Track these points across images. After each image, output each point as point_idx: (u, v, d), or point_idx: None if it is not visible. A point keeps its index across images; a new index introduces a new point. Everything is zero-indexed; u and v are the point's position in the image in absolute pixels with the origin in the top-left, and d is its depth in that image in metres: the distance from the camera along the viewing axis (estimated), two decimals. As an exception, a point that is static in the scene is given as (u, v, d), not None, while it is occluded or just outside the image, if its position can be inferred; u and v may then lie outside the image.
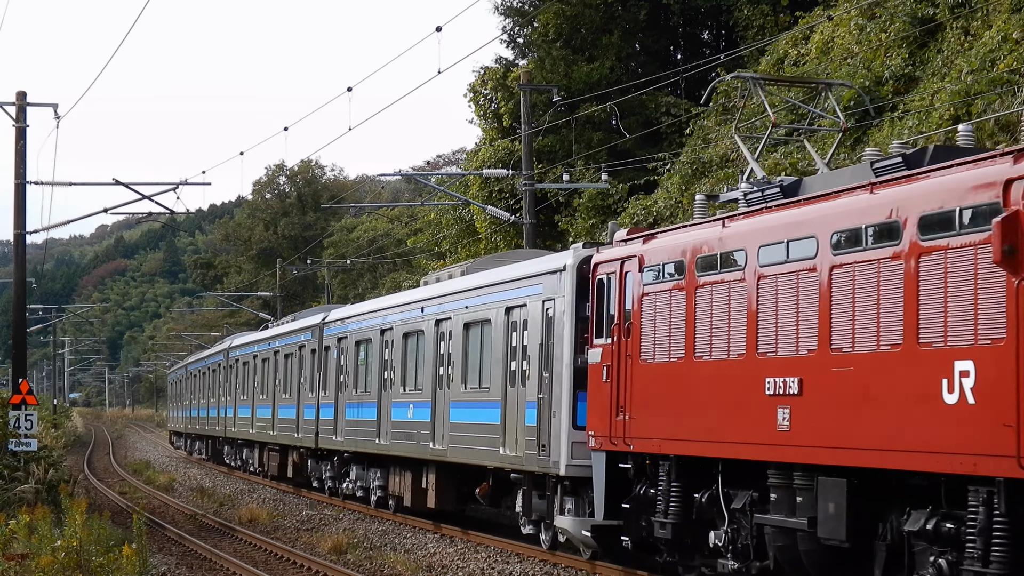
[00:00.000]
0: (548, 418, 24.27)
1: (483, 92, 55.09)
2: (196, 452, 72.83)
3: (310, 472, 43.00)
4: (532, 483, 25.52)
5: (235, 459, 57.87)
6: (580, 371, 23.49)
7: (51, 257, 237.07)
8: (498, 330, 27.00)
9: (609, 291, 22.29)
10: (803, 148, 37.39)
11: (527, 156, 40.55)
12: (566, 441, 23.75)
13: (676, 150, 46.29)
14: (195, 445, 72.85)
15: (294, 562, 26.92)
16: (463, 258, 56.42)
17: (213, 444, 65.20)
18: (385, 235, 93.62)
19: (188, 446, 76.25)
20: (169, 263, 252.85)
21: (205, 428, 65.77)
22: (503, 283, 27.20)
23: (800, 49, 43.46)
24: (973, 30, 33.96)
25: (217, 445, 63.40)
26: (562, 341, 24.03)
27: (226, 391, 58.44)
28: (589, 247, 24.33)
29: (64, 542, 21.73)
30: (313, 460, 42.54)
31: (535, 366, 25.00)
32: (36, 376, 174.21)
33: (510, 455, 26.11)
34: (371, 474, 36.40)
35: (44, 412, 78.56)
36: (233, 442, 58.07)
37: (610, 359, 22.00)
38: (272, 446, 48.70)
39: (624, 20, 53.37)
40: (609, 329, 22.12)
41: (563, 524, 23.69)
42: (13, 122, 36.67)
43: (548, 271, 24.95)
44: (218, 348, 64.47)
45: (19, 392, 34.59)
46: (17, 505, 29.46)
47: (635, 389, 21.31)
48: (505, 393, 26.49)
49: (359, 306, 39.82)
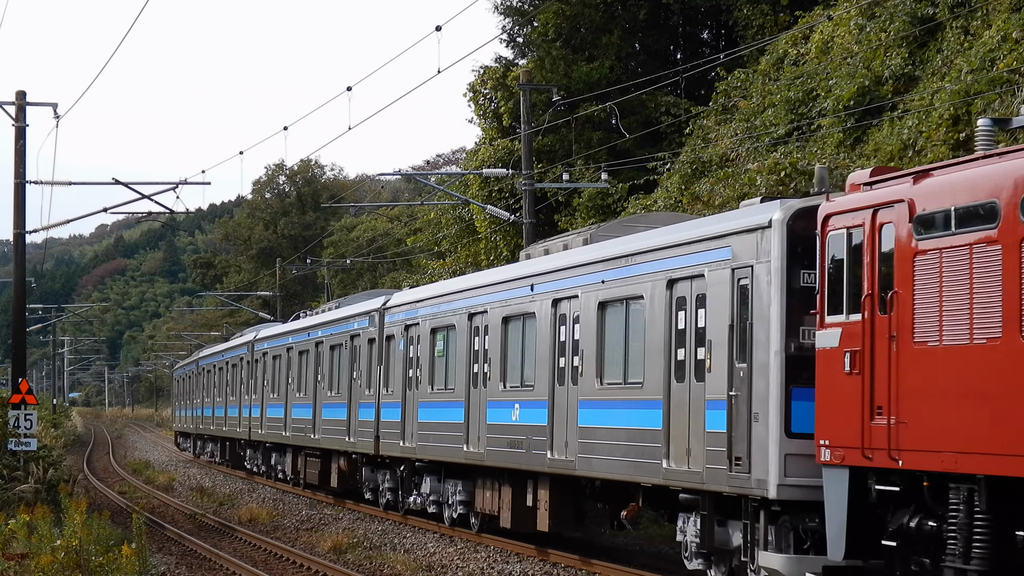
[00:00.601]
0: (746, 422, 18.85)
1: (483, 92, 55.10)
2: (207, 455, 67.64)
3: (363, 482, 37.24)
4: (714, 506, 20.01)
5: (258, 464, 52.16)
6: (795, 360, 18.24)
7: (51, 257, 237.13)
8: (655, 308, 21.20)
9: (852, 251, 16.99)
10: (803, 147, 37.39)
11: (527, 156, 40.55)
12: (777, 453, 18.26)
13: (676, 150, 46.27)
14: (206, 447, 67.83)
15: (294, 562, 26.90)
16: (463, 258, 56.43)
17: (232, 447, 59.14)
18: (385, 235, 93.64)
19: (197, 448, 71.52)
20: (169, 263, 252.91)
21: (222, 429, 59.29)
22: (662, 249, 21.39)
23: (800, 49, 43.45)
24: (973, 30, 33.96)
25: (238, 448, 57.03)
26: (767, 321, 18.58)
27: (251, 388, 51.93)
28: (800, 198, 19.65)
29: (64, 542, 21.70)
30: (369, 468, 36.87)
31: (721, 355, 19.46)
32: (36, 376, 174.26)
33: (679, 469, 20.52)
34: (449, 487, 30.84)
35: (44, 412, 78.53)
36: (258, 446, 51.78)
37: (858, 342, 16.70)
38: (311, 451, 42.38)
39: (624, 20, 53.37)
40: (855, 303, 16.86)
41: (772, 563, 18.32)
42: (13, 121, 36.67)
43: (741, 230, 19.32)
44: (240, 340, 57.03)
45: (19, 392, 34.59)
46: (17, 505, 29.44)
47: (905, 382, 16.00)
48: (669, 390, 20.89)
49: (436, 286, 33.69)
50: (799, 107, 39.33)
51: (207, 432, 64.99)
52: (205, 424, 65.07)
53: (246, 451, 54.43)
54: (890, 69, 36.00)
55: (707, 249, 20.04)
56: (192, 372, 73.22)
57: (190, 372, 74.69)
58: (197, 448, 71.24)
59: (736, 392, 19.08)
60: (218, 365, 61.60)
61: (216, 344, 75.33)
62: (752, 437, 18.64)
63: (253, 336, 53.52)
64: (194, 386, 71.22)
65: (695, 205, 38.33)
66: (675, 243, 20.99)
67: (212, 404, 62.59)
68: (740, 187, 35.80)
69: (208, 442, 67.05)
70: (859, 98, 35.83)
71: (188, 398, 74.37)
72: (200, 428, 67.38)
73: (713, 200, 37.12)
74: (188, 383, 75.12)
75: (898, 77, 35.80)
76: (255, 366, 51.35)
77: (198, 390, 68.97)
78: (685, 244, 20.70)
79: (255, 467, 52.57)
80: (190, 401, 72.81)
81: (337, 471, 39.31)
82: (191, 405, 72.04)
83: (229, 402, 57.31)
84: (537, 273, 25.72)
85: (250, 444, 53.61)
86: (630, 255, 22.25)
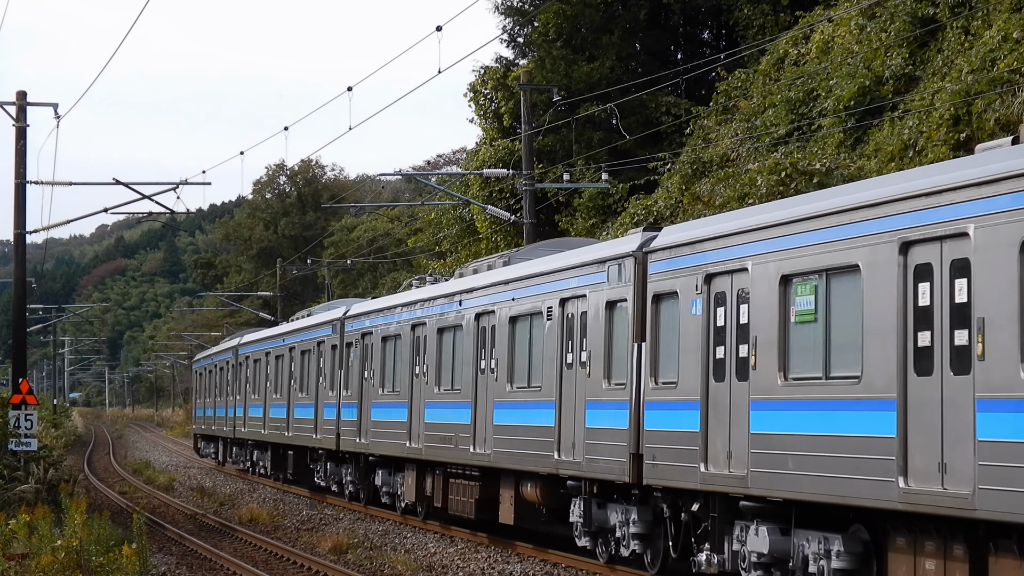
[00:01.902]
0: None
1: (483, 92, 55.13)
2: (241, 463, 55.53)
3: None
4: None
5: (328, 478, 40.49)
6: None
7: (51, 257, 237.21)
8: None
9: None
10: (804, 147, 37.39)
11: (527, 156, 40.55)
12: None
13: (676, 150, 46.29)
14: (253, 456, 52.82)
15: (294, 562, 26.90)
16: (463, 259, 56.43)
17: (298, 458, 45.09)
18: (385, 235, 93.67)
19: (224, 454, 60.12)
20: (169, 263, 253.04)
21: (284, 436, 44.77)
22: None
23: (800, 49, 43.47)
24: (973, 30, 33.96)
25: (309, 462, 43.16)
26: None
27: (343, 381, 37.73)
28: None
29: (64, 542, 21.71)
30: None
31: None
32: (36, 376, 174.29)
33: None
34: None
35: (44, 412, 78.53)
36: (352, 459, 38.13)
37: None
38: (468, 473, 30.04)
39: (624, 20, 53.38)
40: None
41: None
42: (13, 121, 36.68)
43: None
44: (326, 317, 40.99)
45: (19, 392, 34.58)
46: (17, 505, 29.44)
47: None
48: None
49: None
50: (800, 107, 39.34)
51: (253, 437, 51.14)
52: (254, 427, 50.09)
53: (323, 465, 40.92)
54: (891, 69, 36.01)
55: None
56: (225, 363, 58.67)
57: (223, 363, 59.92)
58: (224, 454, 59.78)
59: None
60: (277, 352, 47.12)
61: (265, 328, 60.65)
62: None
63: (343, 312, 39.01)
64: (225, 380, 58.21)
65: (696, 205, 38.34)
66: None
67: (266, 402, 48.27)
68: (741, 187, 35.80)
69: (254, 449, 52.85)
70: (860, 98, 35.84)
71: (215, 395, 61.03)
72: (241, 432, 53.20)
73: (714, 200, 37.12)
74: (216, 377, 61.62)
75: (899, 77, 35.81)
76: (353, 350, 37.09)
77: (231, 385, 56.06)
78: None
79: (326, 481, 40.74)
80: (222, 399, 58.88)
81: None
82: (225, 403, 57.67)
83: (301, 399, 42.82)
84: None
85: (337, 456, 40.27)
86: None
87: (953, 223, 15.06)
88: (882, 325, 15.95)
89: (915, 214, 15.65)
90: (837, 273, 16.93)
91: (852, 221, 16.64)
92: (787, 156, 36.56)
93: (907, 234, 15.68)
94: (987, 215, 14.66)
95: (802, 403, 17.48)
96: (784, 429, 17.68)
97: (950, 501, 14.68)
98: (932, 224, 15.41)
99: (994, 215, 14.59)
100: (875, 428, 15.91)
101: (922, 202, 15.59)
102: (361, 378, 35.34)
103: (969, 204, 14.92)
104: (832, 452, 16.60)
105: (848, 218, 16.71)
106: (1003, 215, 14.47)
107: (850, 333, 16.62)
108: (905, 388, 15.55)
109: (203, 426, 65.93)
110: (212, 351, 67.70)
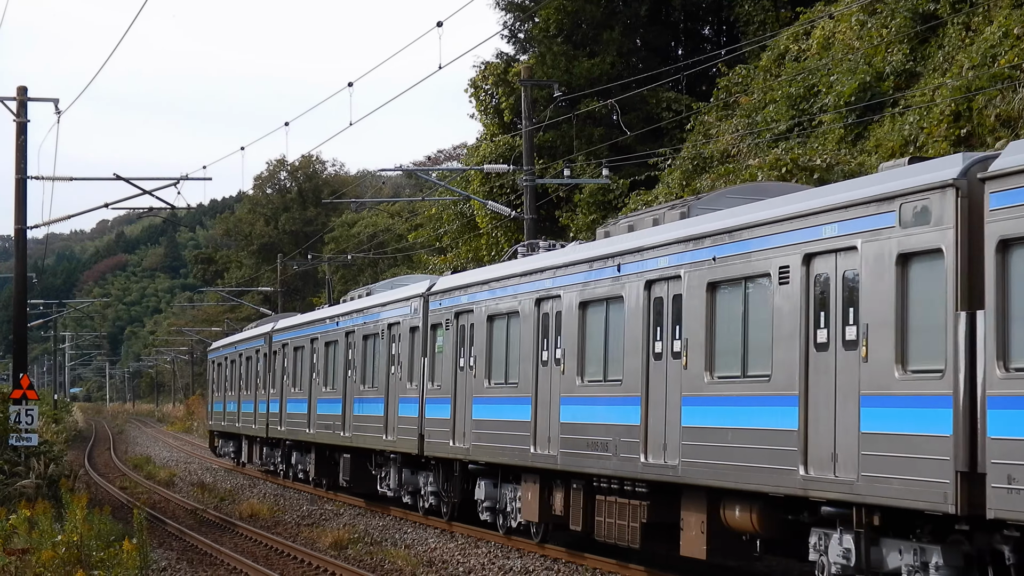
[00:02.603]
0: None
1: (484, 87, 55.15)
2: (271, 465, 49.23)
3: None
4: None
5: (401, 487, 33.68)
6: None
7: (52, 252, 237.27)
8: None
9: None
10: (805, 143, 37.39)
11: (528, 151, 40.56)
12: None
13: (677, 146, 46.30)
14: (291, 458, 45.94)
15: (295, 557, 26.92)
16: (464, 254, 56.45)
17: (356, 462, 37.51)
18: (386, 230, 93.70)
19: (248, 455, 53.26)
20: (170, 258, 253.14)
21: (339, 436, 37.74)
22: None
23: (801, 45, 43.48)
24: (974, 26, 33.97)
25: (371, 467, 36.26)
26: None
27: (428, 371, 31.10)
28: None
29: (65, 537, 21.74)
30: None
31: None
32: (37, 371, 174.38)
33: None
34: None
35: (45, 407, 78.57)
36: (437, 466, 31.37)
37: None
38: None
39: (625, 15, 53.39)
40: None
41: None
42: (14, 117, 36.70)
43: None
44: (401, 294, 33.79)
45: (20, 387, 34.61)
46: (18, 500, 29.47)
47: None
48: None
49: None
50: (800, 103, 39.35)
51: (287, 436, 44.95)
52: (322, 426, 39.96)
53: (400, 470, 34.05)
54: (891, 65, 36.02)
55: None
56: (261, 350, 50.22)
57: (248, 353, 53.02)
58: (262, 457, 50.91)
59: None
60: (325, 339, 40.62)
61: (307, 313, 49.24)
62: None
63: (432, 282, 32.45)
64: (258, 371, 50.51)
65: (696, 201, 38.34)
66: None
67: (305, 397, 41.99)
68: (741, 183, 35.81)
69: (273, 449, 48.65)
70: (860, 94, 35.85)
71: (249, 388, 51.98)
72: (280, 431, 45.80)
73: (714, 196, 37.11)
74: (248, 365, 52.79)
75: (899, 73, 35.82)
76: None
77: (267, 377, 48.53)
78: None
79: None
80: (255, 392, 50.63)
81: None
82: (260, 397, 49.50)
83: (403, 389, 33.10)
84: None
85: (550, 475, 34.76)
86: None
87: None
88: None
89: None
90: None
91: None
92: (788, 152, 36.56)
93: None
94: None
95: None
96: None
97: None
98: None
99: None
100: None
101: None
102: (455, 367, 28.77)
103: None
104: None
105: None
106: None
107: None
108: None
109: (222, 422, 58.16)
110: (235, 339, 58.71)
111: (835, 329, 16.92)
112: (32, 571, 20.40)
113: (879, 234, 16.12)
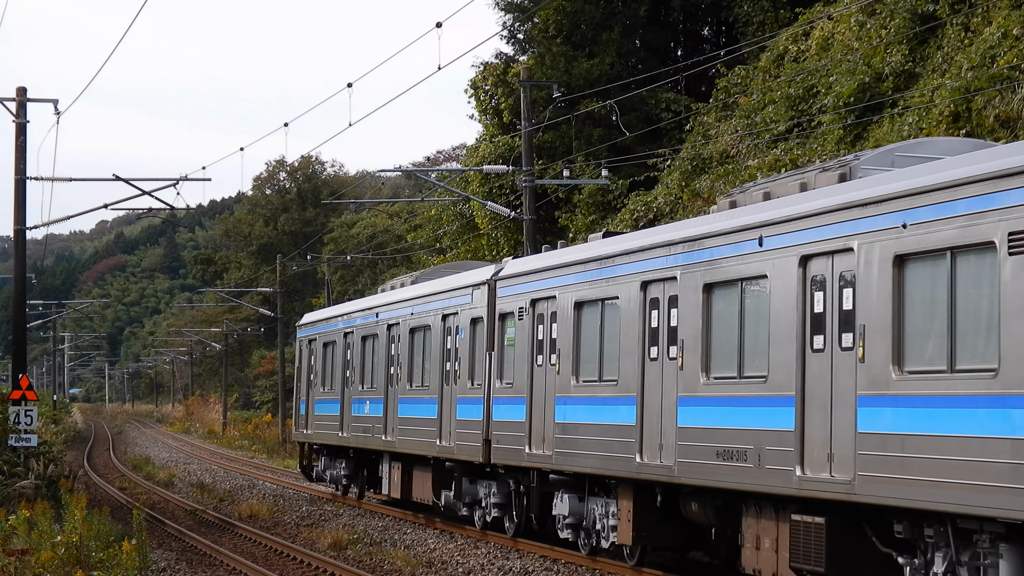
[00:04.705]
0: None
1: (483, 88, 55.17)
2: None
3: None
4: None
5: (460, 498, 29.50)
6: None
7: (51, 253, 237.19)
8: None
9: None
10: (804, 144, 37.40)
11: (527, 152, 40.56)
12: None
13: (676, 146, 46.32)
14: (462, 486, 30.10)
15: (294, 558, 26.91)
16: (463, 255, 56.46)
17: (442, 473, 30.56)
18: (385, 231, 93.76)
19: (369, 480, 37.33)
20: (169, 259, 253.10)
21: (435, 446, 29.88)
22: None
23: (800, 45, 43.48)
24: (973, 26, 33.97)
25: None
26: None
27: (496, 367, 27.25)
28: None
29: (64, 537, 21.73)
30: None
31: None
32: (36, 372, 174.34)
33: None
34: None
35: (44, 408, 78.56)
36: (506, 476, 27.50)
37: None
38: None
39: (624, 16, 53.40)
40: None
41: None
42: (13, 118, 36.70)
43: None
44: (461, 281, 29.65)
45: (19, 388, 34.61)
46: (17, 500, 29.46)
47: None
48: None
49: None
50: (799, 104, 39.36)
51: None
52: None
53: (460, 481, 29.53)
54: (890, 66, 36.03)
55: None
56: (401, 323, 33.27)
57: (367, 331, 35.87)
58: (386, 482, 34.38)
59: None
60: (358, 333, 35.50)
61: None
62: None
63: None
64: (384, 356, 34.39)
65: (695, 202, 38.38)
66: None
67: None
68: (740, 184, 35.82)
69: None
70: (859, 95, 35.85)
71: (367, 382, 35.63)
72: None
73: (713, 197, 37.14)
74: (371, 347, 35.73)
75: (898, 74, 35.83)
76: None
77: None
78: None
79: None
80: (385, 387, 34.15)
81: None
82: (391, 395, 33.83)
83: None
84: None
85: None
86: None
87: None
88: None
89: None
90: None
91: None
92: (787, 152, 36.58)
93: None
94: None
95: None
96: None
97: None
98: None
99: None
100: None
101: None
102: (531, 363, 25.11)
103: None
104: None
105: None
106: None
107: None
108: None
109: (321, 430, 39.61)
110: (344, 310, 39.26)
111: None
112: (31, 571, 20.40)
113: None
